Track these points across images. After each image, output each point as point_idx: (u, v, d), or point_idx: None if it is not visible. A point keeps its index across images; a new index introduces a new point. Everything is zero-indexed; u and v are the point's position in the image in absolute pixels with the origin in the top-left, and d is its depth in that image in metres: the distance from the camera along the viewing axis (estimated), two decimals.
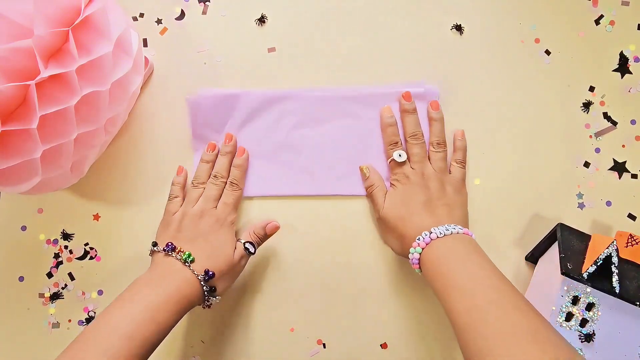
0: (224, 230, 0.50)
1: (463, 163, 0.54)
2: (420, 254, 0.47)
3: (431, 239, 0.46)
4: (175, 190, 0.53)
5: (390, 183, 0.53)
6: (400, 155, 0.52)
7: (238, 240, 0.51)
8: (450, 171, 0.53)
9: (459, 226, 0.47)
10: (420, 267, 0.47)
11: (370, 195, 0.54)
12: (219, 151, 0.55)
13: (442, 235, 0.46)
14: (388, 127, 0.54)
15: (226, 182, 0.53)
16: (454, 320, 0.41)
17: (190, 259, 0.47)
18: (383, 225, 0.53)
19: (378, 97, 0.55)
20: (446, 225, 0.47)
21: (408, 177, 0.52)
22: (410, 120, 0.54)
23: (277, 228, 0.54)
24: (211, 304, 0.49)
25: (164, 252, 0.48)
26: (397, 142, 0.54)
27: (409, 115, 0.54)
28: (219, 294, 0.49)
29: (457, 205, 0.51)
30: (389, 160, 0.54)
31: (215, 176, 0.53)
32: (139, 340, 0.41)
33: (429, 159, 0.53)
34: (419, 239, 0.47)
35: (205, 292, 0.47)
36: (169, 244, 0.48)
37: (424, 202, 0.50)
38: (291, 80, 0.56)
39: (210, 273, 0.47)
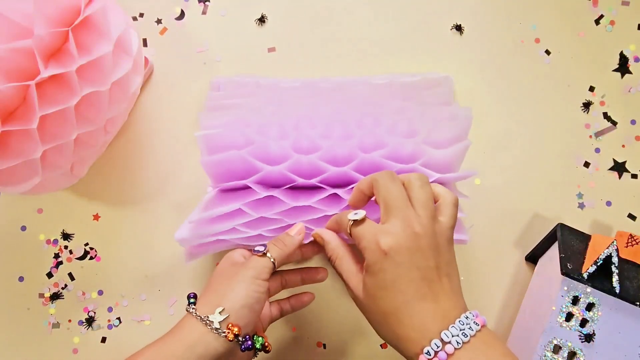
0: None
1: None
2: None
3: (447, 354, 0.34)
4: None
5: (365, 265, 0.37)
6: (356, 214, 0.38)
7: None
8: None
9: (472, 314, 0.35)
10: None
11: (335, 267, 0.41)
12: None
13: (459, 345, 0.34)
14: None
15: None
16: None
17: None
18: (364, 309, 0.38)
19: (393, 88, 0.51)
20: (459, 324, 0.34)
21: (386, 252, 0.36)
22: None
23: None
24: None
25: None
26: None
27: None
28: None
29: (454, 267, 0.38)
30: (347, 229, 0.39)
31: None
32: None
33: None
34: (427, 353, 0.34)
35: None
36: None
37: (420, 279, 0.35)
38: None
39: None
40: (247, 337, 0.39)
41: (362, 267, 0.38)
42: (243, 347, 0.39)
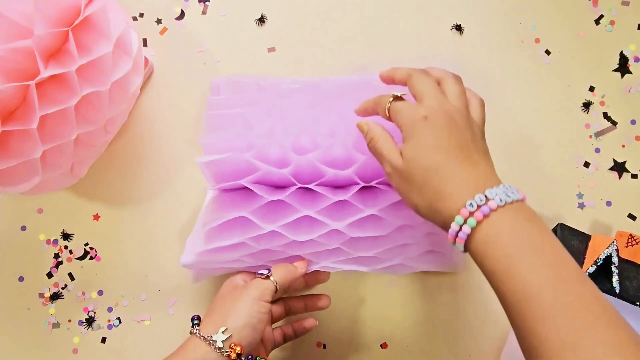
0: None
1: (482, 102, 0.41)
2: (473, 228, 0.34)
3: (490, 209, 0.33)
4: None
5: (403, 137, 0.38)
6: (401, 93, 0.39)
7: None
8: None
9: (516, 188, 0.35)
10: (466, 244, 0.35)
11: (374, 149, 0.40)
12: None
13: (502, 203, 0.33)
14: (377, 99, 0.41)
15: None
16: (524, 326, 0.31)
17: None
18: (402, 179, 0.38)
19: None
20: (503, 187, 0.35)
21: (426, 116, 0.36)
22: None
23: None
24: None
25: None
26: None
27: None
28: None
29: (489, 155, 0.38)
30: (386, 108, 0.39)
31: None
32: None
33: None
34: (470, 205, 0.33)
35: None
36: None
37: (458, 145, 0.36)
38: None
39: None
40: (250, 357, 0.41)
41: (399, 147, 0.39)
42: None
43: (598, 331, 0.30)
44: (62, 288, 0.56)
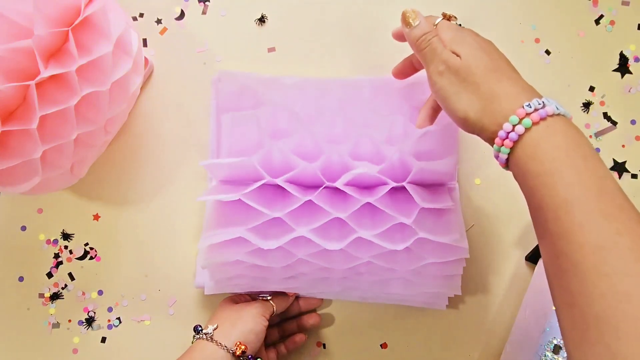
0: None
1: None
2: (527, 128, 0.33)
3: (547, 113, 0.33)
4: None
5: (452, 43, 0.39)
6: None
7: None
8: None
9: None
10: (511, 148, 0.35)
11: (425, 45, 0.40)
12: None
13: (557, 111, 0.34)
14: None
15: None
16: (572, 254, 0.30)
17: None
18: (458, 78, 0.38)
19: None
20: (555, 100, 0.35)
21: (475, 33, 0.40)
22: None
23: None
24: None
25: None
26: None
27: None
28: None
29: None
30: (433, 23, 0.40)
31: None
32: None
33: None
34: (528, 106, 0.34)
35: None
36: None
37: (507, 61, 0.39)
38: None
39: None
40: (251, 356, 0.46)
41: None
42: (250, 358, 0.46)
43: (636, 237, 0.29)
44: (62, 288, 0.56)
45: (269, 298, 0.50)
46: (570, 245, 0.30)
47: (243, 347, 0.45)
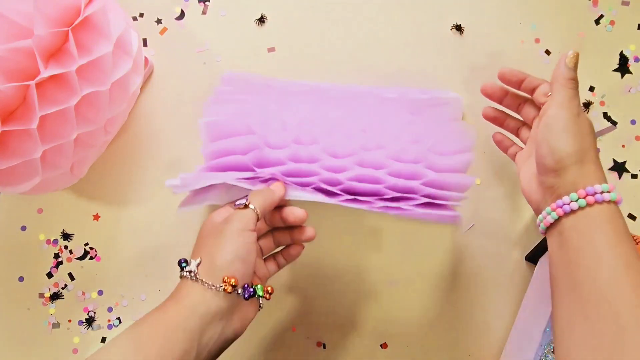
0: None
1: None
2: (582, 207, 0.37)
3: (603, 199, 0.37)
4: None
5: (575, 111, 0.42)
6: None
7: None
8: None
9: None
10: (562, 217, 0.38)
11: (568, 89, 0.42)
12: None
13: (614, 198, 0.38)
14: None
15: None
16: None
17: None
18: (573, 119, 0.41)
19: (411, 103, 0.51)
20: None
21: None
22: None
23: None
24: None
25: None
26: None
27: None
28: None
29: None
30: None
31: None
32: None
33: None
34: (590, 189, 0.37)
35: None
36: None
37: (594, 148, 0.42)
38: None
39: None
40: (246, 285, 0.39)
41: None
42: (246, 294, 0.39)
43: None
44: (62, 288, 0.56)
45: (246, 203, 0.41)
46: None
47: (232, 280, 0.38)
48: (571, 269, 0.37)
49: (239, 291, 0.39)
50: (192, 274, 0.39)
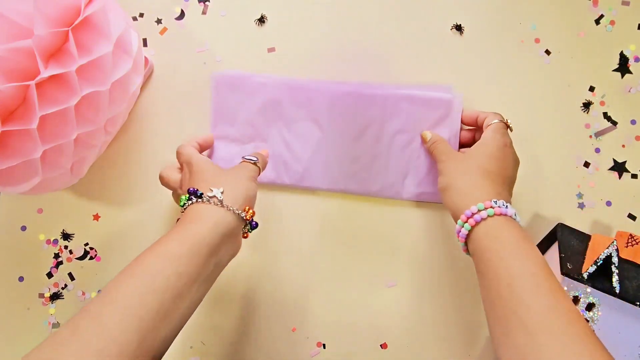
0: None
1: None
2: (491, 216, 0.42)
3: (507, 213, 0.42)
4: None
5: (505, 141, 0.48)
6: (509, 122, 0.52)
7: None
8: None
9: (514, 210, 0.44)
10: (474, 228, 0.43)
11: (434, 150, 0.51)
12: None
13: (514, 217, 0.43)
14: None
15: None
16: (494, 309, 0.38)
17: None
18: (470, 165, 0.47)
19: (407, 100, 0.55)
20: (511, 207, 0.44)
21: (507, 145, 0.49)
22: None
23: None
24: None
25: None
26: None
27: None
28: None
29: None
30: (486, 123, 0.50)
31: None
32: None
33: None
34: (494, 202, 0.43)
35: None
36: None
37: (504, 175, 0.47)
38: None
39: None
40: (255, 222, 0.45)
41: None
42: (254, 224, 0.45)
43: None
44: (62, 288, 0.56)
45: (256, 160, 0.49)
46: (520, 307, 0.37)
47: (252, 211, 0.44)
48: (483, 293, 0.41)
49: (253, 221, 0.45)
50: (216, 200, 0.43)
